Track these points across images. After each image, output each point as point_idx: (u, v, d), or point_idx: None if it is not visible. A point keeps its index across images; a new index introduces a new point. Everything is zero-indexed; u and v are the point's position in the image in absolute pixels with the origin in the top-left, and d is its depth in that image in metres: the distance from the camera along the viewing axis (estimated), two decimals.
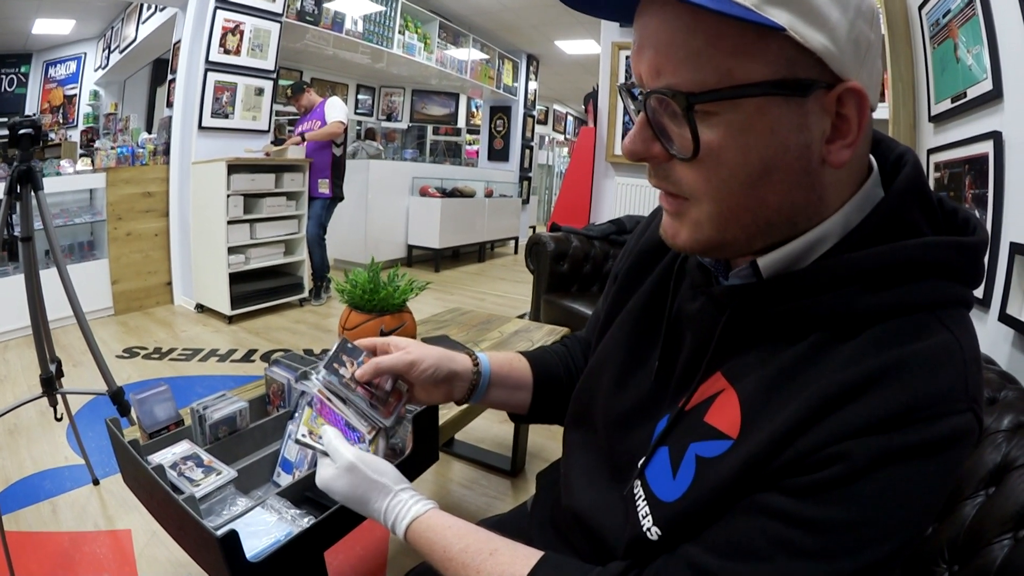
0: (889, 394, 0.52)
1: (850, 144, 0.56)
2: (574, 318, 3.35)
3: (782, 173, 0.56)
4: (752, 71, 0.53)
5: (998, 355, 1.62)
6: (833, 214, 0.60)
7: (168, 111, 5.33)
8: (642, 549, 0.67)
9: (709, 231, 0.61)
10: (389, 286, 1.74)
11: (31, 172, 2.04)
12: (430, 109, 11.45)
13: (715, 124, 0.55)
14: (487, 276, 8.00)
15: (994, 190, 1.74)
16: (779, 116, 0.54)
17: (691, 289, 0.75)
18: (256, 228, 5.01)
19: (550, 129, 15.12)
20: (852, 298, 0.57)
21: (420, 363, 0.94)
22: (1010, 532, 0.85)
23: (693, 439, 0.66)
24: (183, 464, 1.10)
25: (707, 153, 0.55)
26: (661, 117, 0.58)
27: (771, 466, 0.56)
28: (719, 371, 0.67)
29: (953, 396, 0.52)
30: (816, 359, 0.58)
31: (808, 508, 0.53)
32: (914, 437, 0.51)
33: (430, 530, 0.76)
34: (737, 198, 0.58)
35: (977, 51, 1.86)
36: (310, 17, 6.03)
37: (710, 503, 0.61)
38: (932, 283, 0.57)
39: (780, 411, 0.57)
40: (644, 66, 0.58)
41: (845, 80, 0.53)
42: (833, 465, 0.52)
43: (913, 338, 0.54)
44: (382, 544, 2.16)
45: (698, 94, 0.54)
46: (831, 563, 0.52)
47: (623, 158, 5.08)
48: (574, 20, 8.16)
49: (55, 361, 2.20)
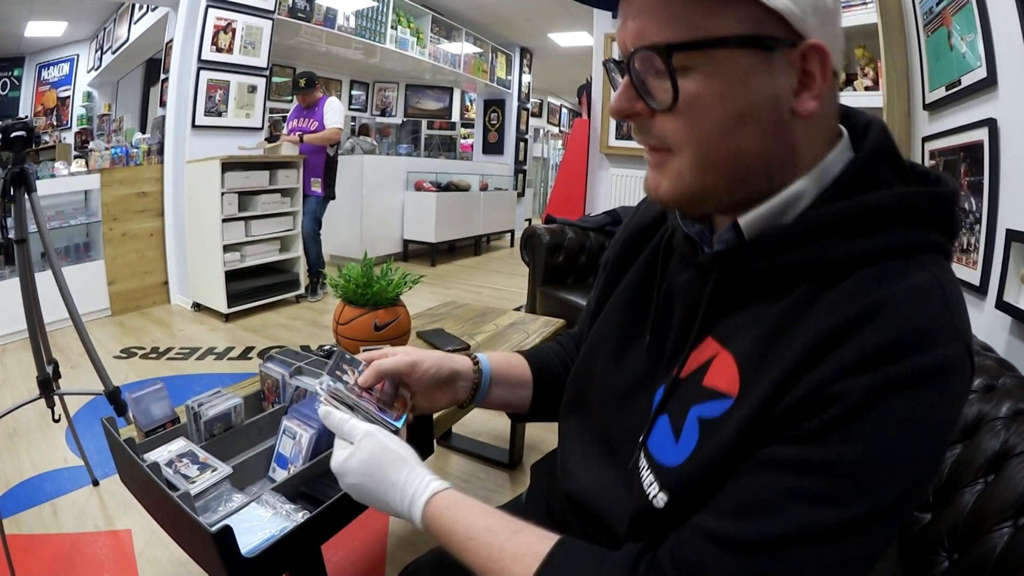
0: (876, 332, 0.53)
1: (816, 96, 0.60)
2: (570, 310, 3.35)
3: (756, 122, 0.60)
4: (724, 27, 0.57)
5: (996, 342, 1.62)
6: (807, 172, 0.63)
7: (161, 111, 5.31)
8: (649, 520, 0.68)
9: (690, 179, 0.64)
10: (382, 280, 1.73)
11: (24, 174, 2.03)
12: (424, 104, 11.41)
13: (693, 76, 0.59)
14: (483, 269, 7.99)
15: (989, 177, 1.74)
16: (749, 68, 0.58)
17: (679, 263, 0.78)
18: (251, 225, 5.00)
19: (544, 122, 15.08)
20: (831, 247, 0.59)
21: (421, 363, 0.92)
22: (1010, 520, 0.85)
23: (693, 403, 0.67)
24: (179, 461, 1.10)
25: (686, 102, 0.60)
26: (644, 75, 0.62)
27: (772, 417, 0.57)
28: (709, 336, 0.69)
29: (939, 329, 0.54)
30: (804, 309, 0.59)
31: (812, 452, 0.54)
32: (905, 368, 0.52)
33: (454, 505, 0.73)
34: (716, 145, 0.61)
35: (971, 39, 1.86)
36: (302, 14, 6.01)
37: (717, 462, 0.61)
38: (907, 229, 0.59)
39: (776, 363, 0.58)
40: (628, 33, 0.62)
41: (808, 38, 0.58)
42: (831, 406, 0.53)
43: (894, 280, 0.56)
44: (381, 539, 2.16)
45: (676, 45, 0.58)
46: (843, 507, 0.53)
47: (617, 149, 5.08)
48: (567, 12, 8.14)
49: (52, 363, 2.19)
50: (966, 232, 1.87)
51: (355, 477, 0.77)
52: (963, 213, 1.89)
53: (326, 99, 5.38)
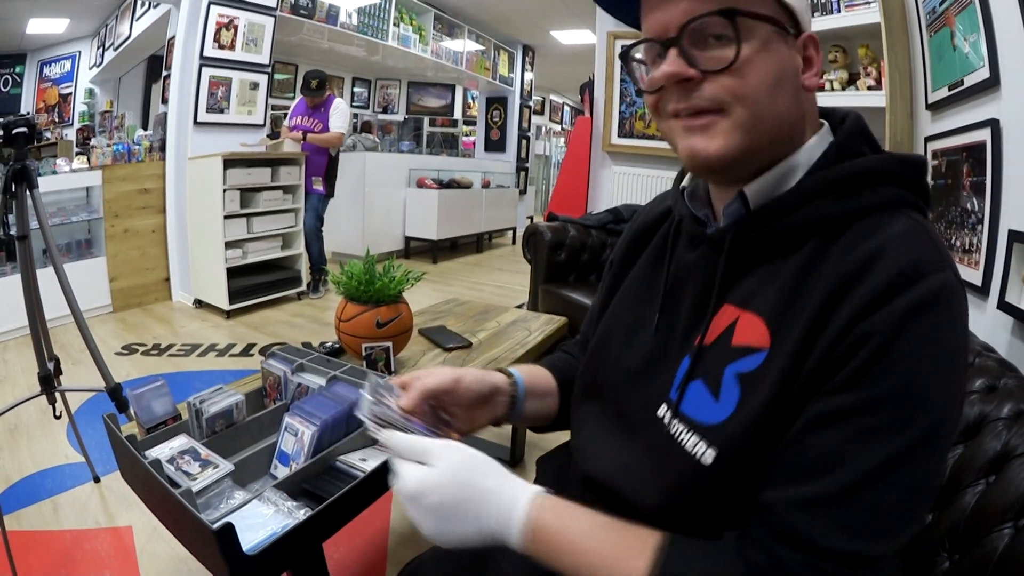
0: (883, 268, 0.61)
1: (816, 74, 0.74)
2: (572, 307, 3.35)
3: (787, 86, 0.71)
4: (762, 8, 0.68)
5: (997, 343, 1.61)
6: (801, 147, 0.74)
7: (163, 107, 5.31)
8: (694, 481, 0.70)
9: (740, 138, 0.70)
10: (384, 277, 1.73)
11: (26, 171, 2.03)
12: (426, 101, 11.40)
13: (745, 40, 0.67)
14: (485, 267, 7.99)
15: (992, 178, 1.74)
16: (779, 45, 0.70)
17: (686, 245, 0.86)
18: (253, 222, 5.00)
19: (547, 119, 15.06)
20: (829, 206, 0.69)
21: (463, 378, 0.90)
22: (1011, 521, 0.84)
23: (727, 363, 0.72)
24: (180, 458, 1.10)
25: (743, 60, 0.67)
26: (701, 41, 0.69)
27: (809, 363, 0.63)
28: (726, 303, 0.75)
29: (931, 260, 0.62)
30: (819, 259, 0.68)
31: (860, 394, 0.60)
32: (910, 296, 0.59)
33: (561, 505, 0.71)
34: (763, 103, 0.69)
35: (974, 39, 1.85)
36: (304, 11, 6.01)
37: (766, 410, 0.66)
38: (887, 188, 0.69)
39: (801, 310, 0.66)
40: (678, 13, 0.69)
41: (806, 31, 0.73)
42: (861, 348, 0.60)
43: (886, 228, 0.65)
44: (382, 537, 2.16)
45: (738, 11, 0.67)
46: (903, 432, 0.58)
47: (620, 147, 5.08)
48: (569, 11, 8.13)
49: (53, 359, 2.20)
50: (968, 232, 1.86)
51: (439, 494, 0.70)
52: (965, 213, 1.89)
53: (333, 99, 5.37)
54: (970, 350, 1.21)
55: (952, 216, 2.00)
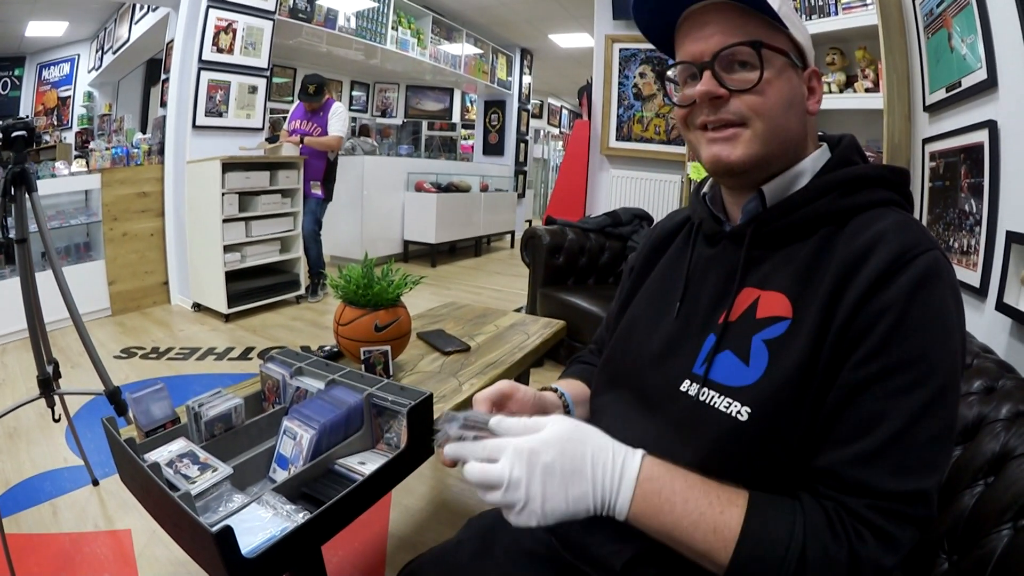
0: (884, 250, 0.74)
1: (817, 101, 0.89)
2: (570, 311, 3.35)
3: (797, 108, 0.86)
4: (779, 43, 0.83)
5: (995, 344, 1.61)
6: (806, 158, 0.89)
7: (162, 111, 5.31)
8: (735, 435, 0.78)
9: (758, 147, 0.84)
10: (383, 281, 1.73)
11: (25, 174, 2.03)
12: (425, 105, 11.42)
13: (767, 67, 0.82)
14: (483, 270, 7.99)
15: (990, 179, 1.74)
16: (791, 73, 0.85)
17: (705, 243, 0.98)
18: (251, 226, 5.00)
19: (545, 123, 15.09)
20: (836, 200, 0.83)
21: (519, 388, 0.95)
22: (1009, 522, 0.85)
23: (754, 332, 0.82)
24: (179, 462, 1.10)
25: (765, 82, 0.82)
26: (730, 66, 0.83)
27: (831, 335, 0.74)
28: (746, 287, 0.87)
29: (922, 242, 0.75)
30: (831, 243, 0.81)
31: (886, 360, 0.71)
32: (912, 272, 0.72)
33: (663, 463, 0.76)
34: (778, 120, 0.84)
35: (971, 40, 1.86)
36: (302, 14, 6.02)
37: (794, 371, 0.76)
38: (879, 190, 0.84)
39: (819, 284, 0.78)
40: (714, 39, 0.83)
41: (810, 66, 0.88)
42: (879, 322, 0.72)
43: (881, 220, 0.79)
44: (381, 540, 2.16)
45: (763, 43, 0.81)
46: (927, 384, 0.70)
47: (618, 150, 5.10)
48: (567, 14, 8.15)
49: (52, 362, 2.19)
50: (966, 234, 1.87)
51: (554, 451, 0.72)
52: (963, 215, 1.89)
53: (332, 103, 5.37)
54: (968, 351, 1.21)
55: (950, 218, 2.00)
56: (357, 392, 1.31)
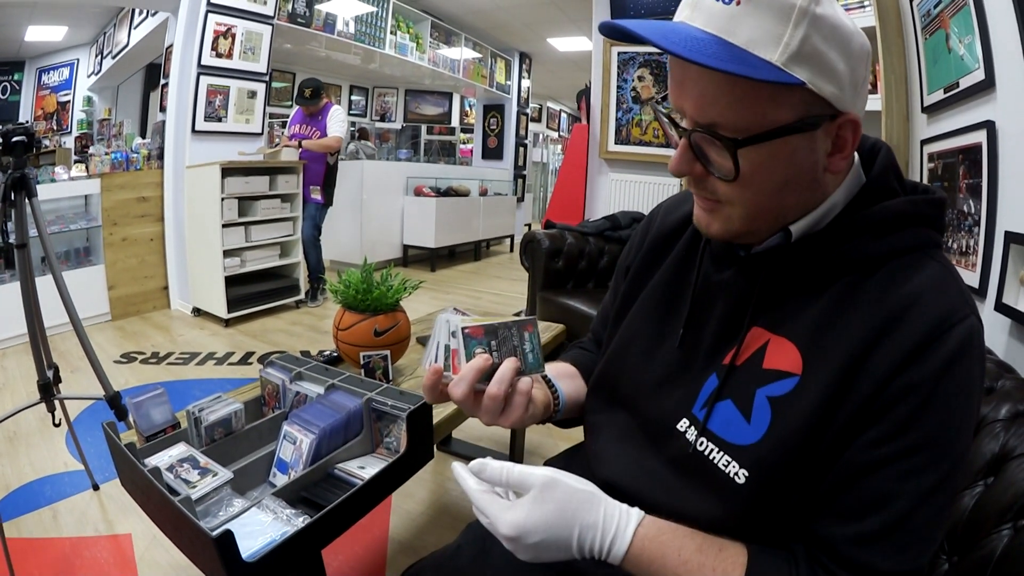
0: (917, 319, 0.67)
1: (846, 157, 0.72)
2: (570, 315, 3.35)
3: (797, 184, 0.72)
4: (781, 115, 0.66)
5: (995, 344, 1.62)
6: (833, 192, 0.75)
7: (161, 115, 5.31)
8: (731, 496, 0.74)
9: (738, 225, 0.75)
10: (382, 286, 1.73)
11: (25, 179, 2.04)
12: (424, 109, 11.44)
13: (750, 156, 0.68)
14: (483, 275, 7.99)
15: (988, 180, 1.74)
16: (796, 146, 0.69)
17: (713, 263, 0.87)
18: (251, 231, 5.00)
19: (544, 127, 15.10)
20: (868, 244, 0.72)
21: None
22: (1009, 522, 0.85)
23: (757, 386, 0.75)
24: (179, 466, 1.10)
25: (743, 177, 0.69)
26: (705, 146, 0.72)
27: (849, 405, 0.68)
28: (756, 326, 0.78)
29: (959, 309, 0.68)
30: (854, 296, 0.71)
31: (905, 440, 0.66)
32: (945, 350, 0.65)
33: (664, 531, 0.74)
34: (762, 205, 0.73)
35: (969, 41, 1.86)
36: (301, 19, 6.02)
37: (798, 436, 0.70)
38: (918, 230, 0.73)
39: (837, 343, 0.70)
40: (689, 103, 0.70)
41: (845, 113, 0.68)
42: (901, 402, 0.66)
43: (916, 272, 0.70)
44: (381, 544, 2.16)
45: (742, 140, 0.67)
46: (939, 467, 0.66)
47: (617, 154, 5.10)
48: (566, 18, 8.16)
49: (52, 367, 2.19)
50: (965, 234, 1.87)
51: (540, 533, 0.71)
52: (962, 215, 1.89)
53: (330, 106, 5.38)
54: None
55: (949, 218, 2.00)
56: (357, 397, 1.31)
